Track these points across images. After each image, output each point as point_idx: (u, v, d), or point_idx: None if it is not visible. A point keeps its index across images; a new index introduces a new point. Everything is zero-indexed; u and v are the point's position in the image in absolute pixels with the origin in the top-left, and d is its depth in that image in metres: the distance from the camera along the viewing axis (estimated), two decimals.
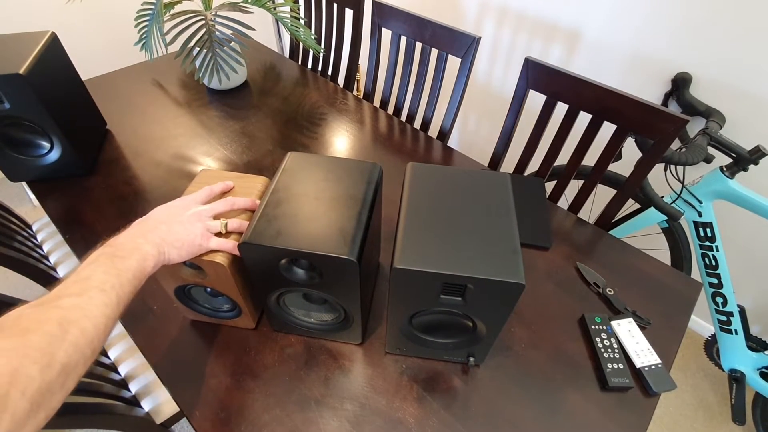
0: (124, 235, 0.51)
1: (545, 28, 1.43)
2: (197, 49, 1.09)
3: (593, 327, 0.71)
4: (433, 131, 1.22)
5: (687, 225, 1.17)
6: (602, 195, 1.44)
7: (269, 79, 1.37)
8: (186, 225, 0.55)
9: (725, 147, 1.02)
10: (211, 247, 0.56)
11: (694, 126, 1.21)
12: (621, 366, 0.66)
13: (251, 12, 1.14)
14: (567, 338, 0.71)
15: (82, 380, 0.74)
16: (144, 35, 1.07)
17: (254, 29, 1.11)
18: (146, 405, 0.84)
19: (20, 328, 0.35)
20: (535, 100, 1.00)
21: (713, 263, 1.14)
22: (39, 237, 1.19)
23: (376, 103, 1.30)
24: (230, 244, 0.57)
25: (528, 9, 1.44)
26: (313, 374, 0.66)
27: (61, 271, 1.11)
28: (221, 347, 0.69)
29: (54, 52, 0.92)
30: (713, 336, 1.30)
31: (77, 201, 0.93)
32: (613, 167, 1.03)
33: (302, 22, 1.44)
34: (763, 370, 1.22)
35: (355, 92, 1.37)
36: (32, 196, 1.59)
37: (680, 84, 1.18)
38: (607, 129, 0.90)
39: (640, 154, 0.90)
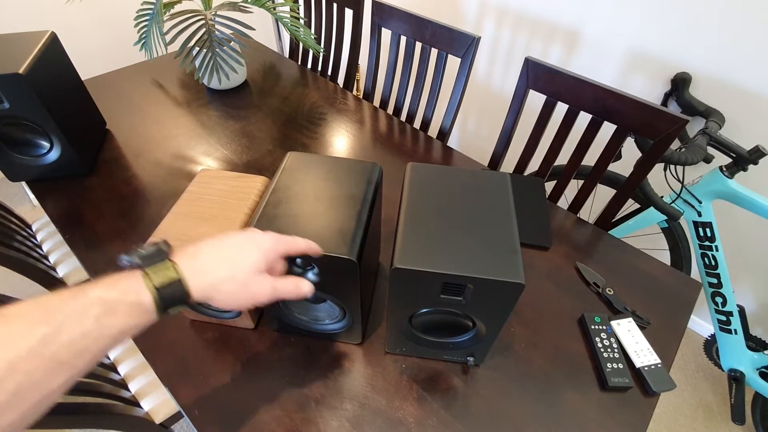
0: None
1: (545, 28, 1.43)
2: (197, 48, 1.09)
3: (593, 327, 0.71)
4: (433, 131, 1.22)
5: (687, 225, 1.17)
6: (602, 195, 1.44)
7: (269, 79, 1.37)
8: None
9: (725, 147, 1.02)
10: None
11: (694, 126, 1.21)
12: (621, 366, 0.66)
13: (251, 12, 1.14)
14: (567, 338, 0.71)
15: (82, 380, 0.74)
16: (144, 35, 1.07)
17: (254, 29, 1.11)
18: (146, 405, 0.84)
19: None
20: (535, 100, 1.00)
21: (713, 263, 1.14)
22: (38, 237, 1.19)
23: (376, 102, 1.30)
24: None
25: (528, 9, 1.44)
26: (313, 374, 0.66)
27: (60, 271, 1.11)
28: (221, 347, 0.69)
29: (54, 51, 0.92)
30: (713, 336, 1.30)
31: (77, 201, 0.93)
32: (613, 167, 1.03)
33: (302, 21, 1.44)
34: (763, 369, 1.22)
35: (354, 92, 1.37)
36: (32, 196, 1.59)
37: (680, 84, 1.18)
38: (607, 129, 0.90)
39: (640, 154, 0.90)
